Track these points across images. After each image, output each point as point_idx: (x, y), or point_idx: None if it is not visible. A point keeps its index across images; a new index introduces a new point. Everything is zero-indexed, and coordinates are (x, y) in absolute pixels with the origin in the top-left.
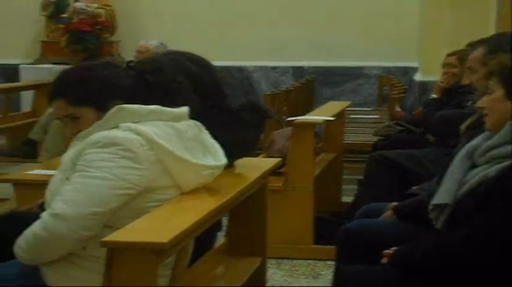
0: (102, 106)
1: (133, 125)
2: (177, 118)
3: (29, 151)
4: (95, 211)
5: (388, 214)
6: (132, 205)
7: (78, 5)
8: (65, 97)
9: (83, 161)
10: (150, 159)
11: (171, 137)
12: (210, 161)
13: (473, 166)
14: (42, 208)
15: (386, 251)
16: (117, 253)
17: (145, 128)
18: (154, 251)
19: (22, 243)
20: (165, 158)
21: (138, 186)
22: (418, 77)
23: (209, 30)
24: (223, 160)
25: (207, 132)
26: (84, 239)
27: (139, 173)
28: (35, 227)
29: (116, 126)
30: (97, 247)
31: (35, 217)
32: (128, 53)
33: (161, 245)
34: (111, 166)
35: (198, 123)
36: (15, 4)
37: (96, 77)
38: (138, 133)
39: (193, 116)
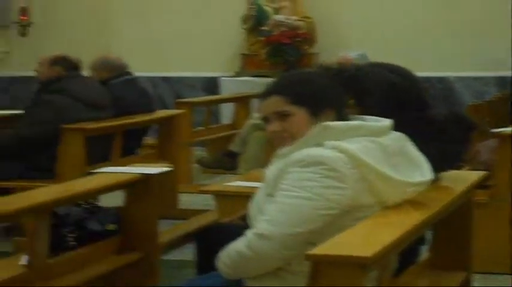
0: (315, 111)
1: (337, 143)
2: (380, 133)
3: (229, 163)
4: (298, 232)
5: None
6: (335, 223)
7: (278, 17)
8: (284, 94)
9: (287, 180)
10: (353, 177)
11: (374, 154)
12: (416, 177)
13: None
14: (244, 219)
15: None
16: (321, 266)
17: (349, 145)
18: (358, 265)
19: (226, 259)
20: (369, 176)
21: (342, 205)
22: None
23: (409, 40)
24: (429, 175)
25: (411, 143)
26: (287, 259)
27: (343, 193)
28: (240, 244)
29: (319, 144)
30: (301, 262)
31: (238, 229)
32: None
33: (365, 259)
34: (315, 185)
35: (402, 134)
36: (216, 18)
37: (318, 81)
38: (342, 151)
39: (396, 128)
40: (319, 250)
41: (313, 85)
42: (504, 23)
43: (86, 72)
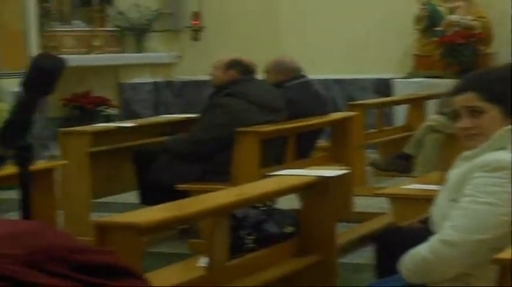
0: (509, 110)
1: None
2: None
3: (403, 165)
4: (483, 238)
5: None
6: None
7: (453, 17)
8: (479, 90)
9: (472, 185)
10: None
11: None
12: None
13: None
14: (424, 223)
15: None
16: (509, 271)
17: None
18: None
19: (409, 264)
20: None
21: None
22: None
23: None
24: None
25: None
26: (471, 265)
27: None
28: (423, 250)
29: (504, 148)
30: (485, 266)
31: (418, 232)
32: None
33: None
34: (501, 191)
35: None
36: (387, 19)
37: None
38: None
39: None
40: (507, 254)
41: (510, 84)
42: None
43: (259, 76)
